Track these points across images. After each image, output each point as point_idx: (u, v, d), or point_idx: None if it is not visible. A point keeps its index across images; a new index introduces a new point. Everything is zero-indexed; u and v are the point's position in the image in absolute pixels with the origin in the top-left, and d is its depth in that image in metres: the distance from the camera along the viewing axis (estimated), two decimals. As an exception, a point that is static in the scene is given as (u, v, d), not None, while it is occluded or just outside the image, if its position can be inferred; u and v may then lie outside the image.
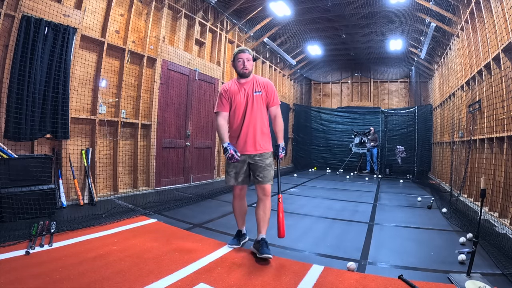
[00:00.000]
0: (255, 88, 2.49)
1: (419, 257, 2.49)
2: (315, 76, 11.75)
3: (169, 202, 4.17)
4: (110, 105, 4.49)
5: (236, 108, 2.47)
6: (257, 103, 2.47)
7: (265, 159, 2.48)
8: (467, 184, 4.86)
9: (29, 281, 1.79)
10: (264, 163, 2.46)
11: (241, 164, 2.46)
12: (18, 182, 3.09)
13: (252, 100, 2.46)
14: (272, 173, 2.50)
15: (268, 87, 2.53)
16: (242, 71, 2.45)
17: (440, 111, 7.83)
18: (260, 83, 2.52)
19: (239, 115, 2.47)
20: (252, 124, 2.45)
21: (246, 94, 2.46)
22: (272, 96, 2.53)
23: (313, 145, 11.25)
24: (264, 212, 2.46)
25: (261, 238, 2.40)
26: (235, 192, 2.57)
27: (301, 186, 6.43)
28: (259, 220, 2.47)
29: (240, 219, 2.64)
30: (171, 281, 1.90)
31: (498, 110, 3.75)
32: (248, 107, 2.46)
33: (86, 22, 4.05)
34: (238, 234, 2.65)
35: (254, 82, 2.51)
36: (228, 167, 2.50)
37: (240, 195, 2.57)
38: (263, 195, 2.47)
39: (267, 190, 2.47)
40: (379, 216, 3.92)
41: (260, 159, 2.46)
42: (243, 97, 2.46)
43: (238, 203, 2.60)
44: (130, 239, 2.67)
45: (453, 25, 5.91)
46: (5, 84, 3.22)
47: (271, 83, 2.58)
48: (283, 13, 6.66)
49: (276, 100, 2.56)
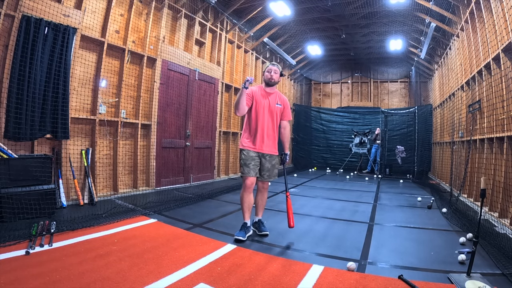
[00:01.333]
0: (277, 100, 2.97)
1: (419, 257, 2.49)
2: (315, 76, 11.75)
3: (169, 202, 4.17)
4: (110, 105, 4.49)
5: (258, 110, 2.88)
6: (276, 113, 2.95)
7: (274, 160, 2.97)
8: (467, 184, 4.86)
9: (29, 281, 1.79)
10: (272, 163, 2.96)
11: (257, 159, 2.90)
12: (18, 182, 3.09)
13: (274, 109, 2.93)
14: (275, 172, 3.01)
15: (287, 104, 3.04)
16: (268, 80, 2.93)
17: (440, 111, 7.83)
18: (281, 99, 3.01)
19: (261, 117, 2.88)
20: (269, 128, 2.91)
21: (269, 102, 2.92)
22: (288, 112, 3.05)
23: (313, 145, 11.26)
24: (262, 200, 3.03)
25: (258, 219, 3.03)
26: (248, 184, 2.84)
27: (301, 186, 6.43)
28: (258, 205, 3.03)
29: (248, 211, 2.90)
30: (171, 281, 1.90)
31: (498, 110, 3.75)
32: (269, 113, 2.91)
33: (86, 22, 4.05)
34: (244, 226, 2.87)
35: (277, 96, 2.99)
36: (248, 161, 2.86)
37: (251, 187, 2.88)
38: (264, 188, 3.03)
39: (268, 185, 3.07)
40: (379, 216, 3.92)
41: (270, 158, 2.94)
42: (267, 104, 2.91)
43: (248, 195, 2.89)
44: (130, 239, 2.67)
45: (453, 25, 5.91)
46: (5, 84, 3.22)
47: (288, 101, 3.09)
48: (283, 13, 6.66)
49: (289, 115, 3.07)
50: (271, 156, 2.95)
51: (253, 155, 2.87)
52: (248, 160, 2.85)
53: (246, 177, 2.84)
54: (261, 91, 2.94)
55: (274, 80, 2.91)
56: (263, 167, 2.93)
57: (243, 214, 2.91)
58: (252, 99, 2.89)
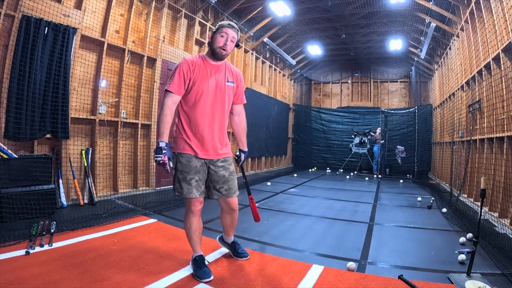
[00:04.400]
0: (227, 76, 2.01)
1: (419, 257, 2.49)
2: (315, 76, 11.75)
3: (169, 202, 4.17)
4: (110, 105, 4.49)
5: (201, 97, 1.91)
6: (228, 96, 2.01)
7: (229, 165, 2.05)
8: (467, 184, 4.86)
9: (29, 281, 1.79)
10: (229, 171, 2.03)
11: (203, 169, 1.96)
12: (18, 182, 3.09)
13: (223, 91, 1.98)
14: (236, 182, 2.10)
15: (241, 79, 2.12)
16: (219, 51, 1.92)
17: (440, 111, 7.83)
18: (234, 72, 2.07)
19: (205, 106, 1.93)
20: (219, 121, 1.98)
21: (217, 81, 1.96)
22: (242, 92, 2.12)
23: (313, 145, 11.26)
24: (233, 222, 2.23)
25: (233, 241, 2.34)
26: (195, 208, 1.95)
27: (301, 186, 6.43)
28: (227, 227, 2.25)
29: (199, 242, 2.06)
30: (171, 281, 1.90)
31: (498, 110, 3.75)
32: (217, 98, 1.96)
33: (86, 22, 4.05)
34: (201, 261, 2.01)
35: (227, 69, 2.03)
36: (188, 173, 1.91)
37: (199, 211, 1.99)
38: (232, 209, 2.12)
39: (236, 203, 2.12)
40: (379, 216, 3.92)
41: (223, 166, 2.01)
42: (214, 84, 1.94)
43: (197, 222, 2.00)
44: (130, 239, 2.67)
45: (453, 25, 5.91)
46: (5, 84, 3.23)
47: (242, 75, 2.15)
48: (283, 13, 6.66)
49: (244, 97, 2.16)
50: (225, 160, 2.03)
51: (197, 164, 1.93)
52: (189, 174, 1.90)
53: (190, 200, 1.94)
54: (205, 65, 1.94)
55: (227, 52, 1.95)
56: (216, 177, 1.98)
57: (193, 246, 2.04)
58: (190, 79, 1.90)
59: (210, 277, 1.93)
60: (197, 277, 1.93)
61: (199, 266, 1.97)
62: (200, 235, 2.05)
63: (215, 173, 1.99)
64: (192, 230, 1.99)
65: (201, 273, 1.93)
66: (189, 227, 1.99)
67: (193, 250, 2.06)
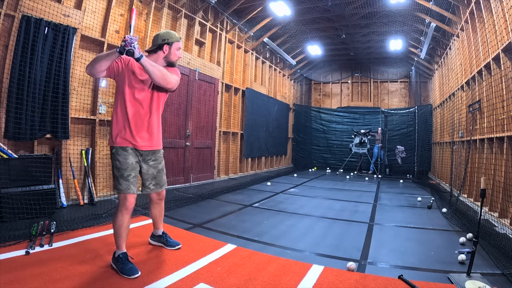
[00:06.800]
0: None
1: (419, 257, 2.49)
2: (315, 76, 11.75)
3: (169, 202, 4.15)
4: (110, 105, 4.48)
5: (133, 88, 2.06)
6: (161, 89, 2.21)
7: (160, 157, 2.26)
8: (467, 184, 4.86)
9: (29, 281, 1.79)
10: (160, 166, 2.25)
11: (136, 164, 2.10)
12: (18, 182, 3.09)
13: None
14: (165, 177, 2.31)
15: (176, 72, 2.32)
16: (176, 62, 2.29)
17: (440, 111, 7.83)
18: None
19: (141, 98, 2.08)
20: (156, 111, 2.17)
21: None
22: None
23: (313, 145, 11.26)
24: (161, 212, 2.49)
25: (162, 232, 2.50)
26: (129, 204, 2.04)
27: (301, 186, 6.43)
28: (156, 218, 2.47)
29: (126, 239, 2.09)
30: (171, 281, 1.90)
31: (498, 110, 3.75)
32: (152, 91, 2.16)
33: (86, 22, 4.05)
34: (125, 258, 2.01)
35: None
36: (125, 170, 2.03)
37: (132, 208, 2.08)
38: (160, 199, 2.44)
39: (164, 194, 2.41)
40: (379, 216, 3.92)
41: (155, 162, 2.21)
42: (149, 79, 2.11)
43: (127, 218, 2.06)
44: (130, 239, 2.66)
45: (453, 25, 5.91)
46: (5, 84, 3.22)
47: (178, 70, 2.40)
48: (283, 13, 6.66)
49: None
50: (155, 153, 2.21)
51: (133, 160, 2.08)
52: (127, 170, 2.04)
53: (125, 196, 2.03)
54: None
55: None
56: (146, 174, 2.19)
57: (120, 243, 2.04)
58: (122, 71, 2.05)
59: (138, 272, 1.95)
60: (125, 274, 1.93)
61: (124, 264, 1.98)
62: (128, 231, 2.10)
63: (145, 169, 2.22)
64: (123, 227, 2.05)
65: (129, 270, 1.94)
66: (121, 224, 2.04)
67: (118, 247, 2.06)
